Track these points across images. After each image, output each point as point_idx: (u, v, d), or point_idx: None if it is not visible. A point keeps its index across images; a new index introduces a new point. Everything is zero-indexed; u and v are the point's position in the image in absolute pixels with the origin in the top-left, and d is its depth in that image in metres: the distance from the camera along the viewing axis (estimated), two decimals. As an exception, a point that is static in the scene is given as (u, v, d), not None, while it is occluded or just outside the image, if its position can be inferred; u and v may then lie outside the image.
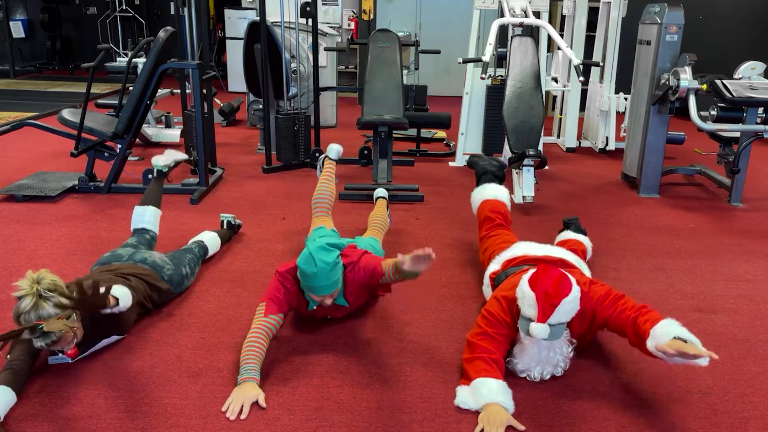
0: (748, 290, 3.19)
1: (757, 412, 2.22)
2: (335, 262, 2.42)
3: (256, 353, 2.31)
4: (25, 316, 2.13)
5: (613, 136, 5.96)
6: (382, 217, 3.44)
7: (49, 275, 2.21)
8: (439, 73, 9.11)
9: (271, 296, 2.48)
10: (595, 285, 2.41)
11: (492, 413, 2.10)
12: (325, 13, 8.37)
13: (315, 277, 2.38)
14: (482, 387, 2.19)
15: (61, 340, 2.18)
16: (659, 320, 2.16)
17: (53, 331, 2.14)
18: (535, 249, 2.76)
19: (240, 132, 6.60)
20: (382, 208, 3.55)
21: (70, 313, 2.20)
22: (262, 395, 2.20)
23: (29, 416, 2.09)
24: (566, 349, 2.33)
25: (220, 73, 7.61)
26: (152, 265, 2.78)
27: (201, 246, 3.24)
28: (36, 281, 2.16)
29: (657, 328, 2.13)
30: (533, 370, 2.32)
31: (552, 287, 2.20)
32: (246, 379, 2.23)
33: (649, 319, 2.18)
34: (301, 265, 2.41)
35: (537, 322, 2.18)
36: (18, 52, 10.68)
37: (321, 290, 2.42)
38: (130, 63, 4.75)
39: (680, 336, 2.07)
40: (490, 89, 5.29)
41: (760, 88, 4.24)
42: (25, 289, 2.15)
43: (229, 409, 2.13)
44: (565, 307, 2.20)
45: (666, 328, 2.12)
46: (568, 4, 6.12)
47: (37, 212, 4.01)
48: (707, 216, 4.30)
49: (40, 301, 2.15)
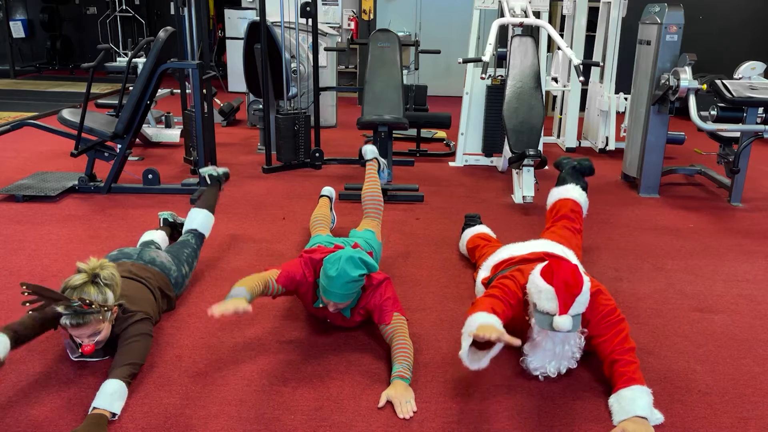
0: (748, 290, 3.19)
1: (757, 412, 2.22)
2: (356, 279, 2.41)
3: (250, 285, 2.32)
4: (70, 291, 2.17)
5: (613, 136, 5.96)
6: (375, 195, 3.27)
7: (113, 270, 2.29)
8: (439, 73, 9.10)
9: (288, 271, 2.51)
10: (602, 296, 2.37)
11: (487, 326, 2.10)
12: (325, 13, 8.37)
13: (330, 280, 2.40)
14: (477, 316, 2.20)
15: (85, 327, 2.18)
16: (633, 382, 2.16)
17: (83, 314, 2.15)
18: (520, 248, 2.77)
19: (240, 132, 6.60)
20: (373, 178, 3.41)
21: (108, 309, 2.23)
22: (249, 306, 2.16)
23: (30, 417, 2.09)
24: (579, 341, 2.31)
25: (220, 73, 7.61)
26: (161, 267, 2.77)
27: (197, 235, 3.17)
28: (99, 267, 2.24)
29: (625, 392, 2.15)
30: (548, 366, 2.29)
31: (571, 278, 2.18)
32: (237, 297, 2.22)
33: (626, 372, 2.19)
34: (326, 262, 2.43)
35: (560, 314, 2.16)
36: (18, 52, 10.68)
37: (331, 295, 2.42)
38: (130, 63, 4.75)
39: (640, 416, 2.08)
40: (490, 89, 5.29)
41: (760, 88, 4.24)
42: (87, 266, 2.23)
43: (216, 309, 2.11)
44: (583, 297, 2.19)
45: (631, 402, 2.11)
46: (568, 4, 6.12)
47: (37, 212, 4.01)
48: (707, 216, 4.30)
49: (90, 284, 2.20)
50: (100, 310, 2.19)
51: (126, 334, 2.30)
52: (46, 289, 2.13)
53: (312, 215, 3.41)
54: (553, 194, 3.28)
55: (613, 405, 2.17)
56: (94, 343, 2.24)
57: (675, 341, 2.67)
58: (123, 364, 2.19)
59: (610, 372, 2.26)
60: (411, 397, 2.20)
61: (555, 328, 2.17)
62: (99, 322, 2.21)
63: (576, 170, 3.36)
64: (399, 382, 2.24)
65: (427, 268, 3.34)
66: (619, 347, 2.25)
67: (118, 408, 2.09)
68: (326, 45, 6.67)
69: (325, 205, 3.52)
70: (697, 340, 2.68)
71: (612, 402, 2.18)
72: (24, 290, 2.10)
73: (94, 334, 2.23)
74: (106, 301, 2.22)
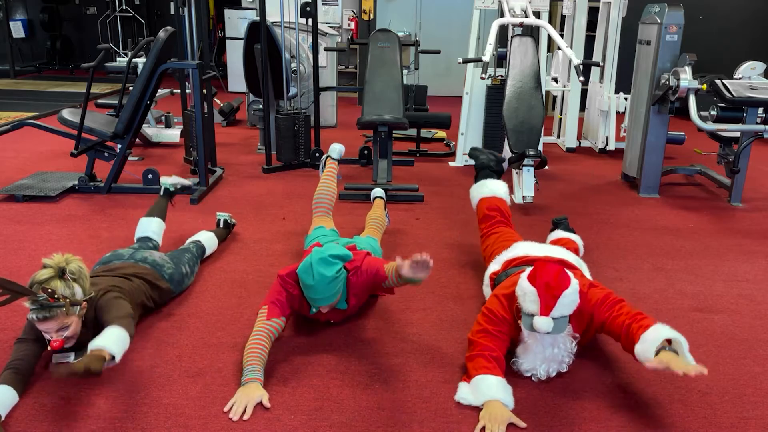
0: (748, 290, 3.19)
1: (757, 412, 2.22)
2: (335, 276, 2.40)
3: (259, 355, 2.31)
4: (37, 286, 2.15)
5: (613, 136, 5.96)
6: (380, 217, 3.43)
7: (80, 264, 2.27)
8: (439, 73, 9.10)
9: (273, 299, 2.48)
10: (595, 288, 2.40)
11: (493, 410, 2.11)
12: (325, 13, 8.37)
13: (312, 289, 2.40)
14: (482, 383, 2.19)
15: (52, 321, 2.16)
16: (651, 326, 2.17)
17: (49, 307, 2.14)
18: (536, 249, 2.76)
19: (240, 132, 6.60)
20: (379, 208, 3.55)
21: (76, 304, 2.22)
22: (266, 396, 2.19)
23: (30, 416, 2.09)
24: (570, 345, 2.32)
25: (220, 73, 7.61)
26: (153, 264, 2.78)
27: (199, 246, 3.24)
28: (66, 261, 2.23)
29: (648, 333, 2.14)
30: (539, 368, 2.31)
31: (553, 280, 2.19)
32: (250, 380, 2.23)
33: (642, 325, 2.18)
34: (300, 274, 2.42)
35: (540, 315, 2.18)
36: (18, 52, 10.68)
37: (318, 301, 2.43)
38: (130, 63, 4.75)
39: (669, 337, 2.09)
40: (490, 89, 5.29)
41: (760, 88, 4.24)
42: (52, 261, 2.21)
43: (233, 409, 2.13)
44: (566, 299, 2.20)
45: (655, 332, 2.12)
46: (568, 4, 6.12)
47: (37, 212, 4.01)
48: (707, 216, 4.30)
49: (57, 279, 2.19)
50: (65, 304, 2.17)
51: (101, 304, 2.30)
52: (12, 283, 2.10)
53: (316, 190, 3.32)
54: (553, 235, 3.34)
55: (639, 353, 2.13)
56: (63, 338, 2.21)
57: (675, 341, 2.67)
58: (117, 318, 2.19)
59: (626, 336, 2.21)
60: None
61: (534, 329, 2.19)
62: (65, 316, 2.19)
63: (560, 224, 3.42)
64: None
65: (427, 268, 3.34)
66: (626, 316, 2.25)
67: (118, 351, 2.07)
68: (326, 45, 6.68)
69: (331, 177, 3.39)
70: (697, 340, 2.68)
71: (638, 350, 2.14)
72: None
73: (62, 328, 2.20)
74: (74, 295, 2.21)
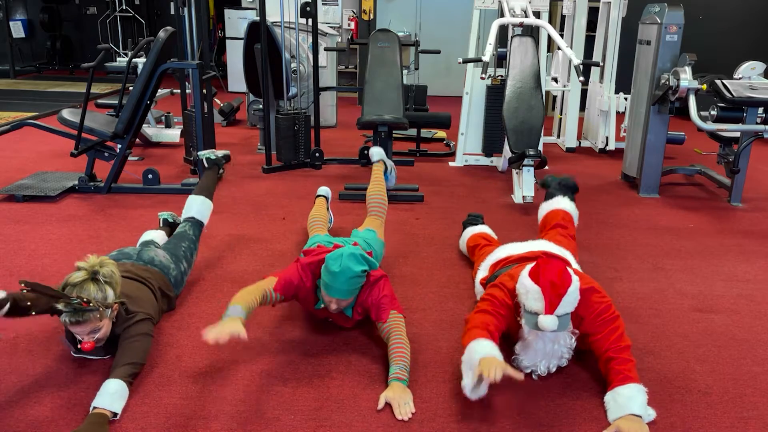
0: (748, 290, 3.19)
1: (757, 412, 2.22)
2: (359, 274, 2.40)
3: (247, 301, 2.32)
4: (70, 289, 2.17)
5: (613, 136, 5.96)
6: (380, 195, 3.32)
7: (113, 267, 2.29)
8: (439, 73, 9.10)
9: (285, 278, 2.50)
10: (596, 293, 2.37)
11: (490, 360, 2.09)
12: (325, 13, 8.37)
13: (334, 277, 2.39)
14: (477, 345, 2.18)
15: (85, 324, 2.18)
16: (629, 380, 2.17)
17: (82, 311, 2.15)
18: (518, 248, 2.77)
19: (240, 132, 6.60)
20: (379, 180, 3.46)
21: (108, 307, 2.23)
22: (244, 331, 2.13)
23: (30, 416, 2.09)
24: (569, 341, 2.32)
25: (220, 73, 7.61)
26: (160, 267, 2.77)
27: (195, 223, 3.11)
28: (99, 264, 2.25)
29: (622, 390, 2.15)
30: (540, 364, 2.31)
31: (557, 278, 2.19)
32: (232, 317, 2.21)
33: (622, 371, 2.19)
34: (328, 259, 2.42)
35: (545, 314, 2.18)
36: (18, 52, 10.68)
37: (334, 291, 2.41)
38: (130, 63, 4.75)
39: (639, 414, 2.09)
40: (490, 89, 5.29)
41: (760, 88, 4.24)
42: (86, 264, 2.23)
43: (211, 333, 2.09)
44: (570, 296, 2.20)
45: (628, 400, 2.12)
46: (568, 4, 6.12)
47: (37, 212, 4.01)
48: (707, 216, 4.30)
49: (90, 282, 2.21)
50: (99, 308, 2.19)
51: (127, 334, 2.30)
52: (45, 287, 2.13)
53: (309, 216, 3.41)
54: (543, 208, 3.27)
55: (609, 402, 2.18)
56: (94, 340, 2.24)
57: (674, 341, 2.67)
58: (124, 364, 2.20)
59: (605, 369, 2.26)
60: (409, 399, 2.20)
61: (540, 328, 2.19)
62: (98, 320, 2.21)
63: (562, 185, 3.37)
64: (396, 384, 2.24)
65: (427, 268, 3.34)
66: (614, 345, 2.26)
67: (119, 408, 2.09)
68: (326, 45, 6.68)
69: (322, 206, 3.53)
70: (696, 340, 2.68)
71: (608, 399, 2.18)
72: (23, 288, 2.10)
73: (94, 331, 2.23)
74: (106, 299, 2.22)
